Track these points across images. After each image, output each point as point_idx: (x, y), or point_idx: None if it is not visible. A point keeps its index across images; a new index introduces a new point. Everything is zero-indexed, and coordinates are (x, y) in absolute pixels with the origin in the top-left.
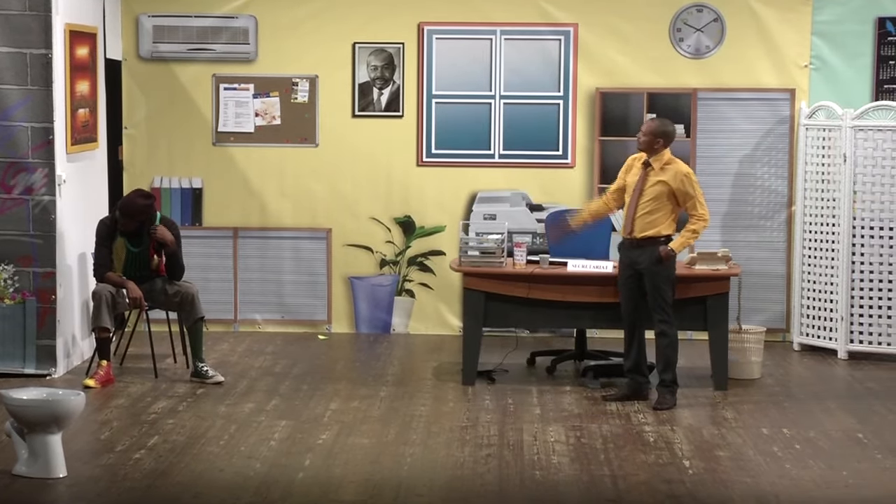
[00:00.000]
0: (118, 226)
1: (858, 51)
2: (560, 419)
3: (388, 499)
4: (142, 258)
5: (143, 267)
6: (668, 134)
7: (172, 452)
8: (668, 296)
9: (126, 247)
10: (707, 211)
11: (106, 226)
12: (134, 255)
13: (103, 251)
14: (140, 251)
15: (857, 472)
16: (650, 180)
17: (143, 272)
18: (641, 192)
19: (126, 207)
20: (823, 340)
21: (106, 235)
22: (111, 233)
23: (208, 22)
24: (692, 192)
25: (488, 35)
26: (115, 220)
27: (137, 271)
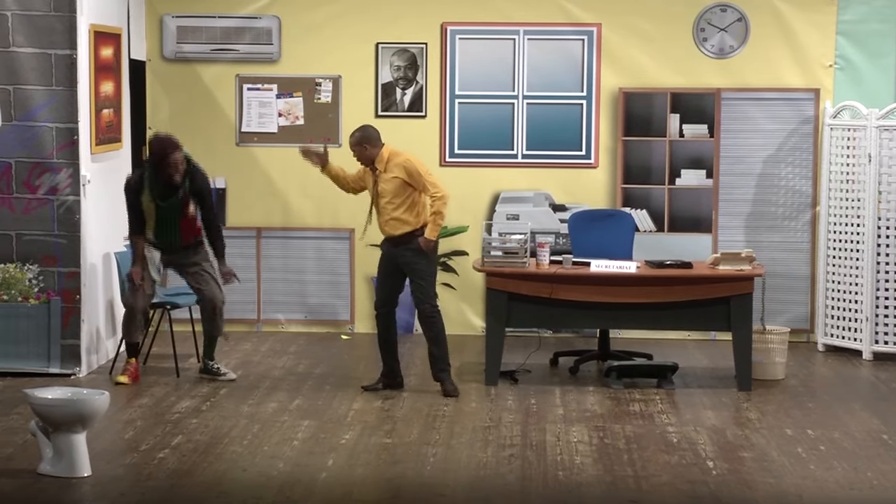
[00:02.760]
0: (147, 182)
1: (883, 50)
2: (583, 419)
3: (411, 499)
4: (172, 211)
5: (174, 222)
6: (369, 137)
7: (196, 452)
8: (433, 283)
9: (154, 202)
10: (442, 186)
11: (131, 186)
12: (164, 209)
13: (133, 213)
14: (170, 204)
15: (882, 473)
16: (382, 181)
17: (174, 229)
18: (379, 196)
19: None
20: (848, 341)
21: (134, 195)
22: (138, 190)
23: (232, 22)
24: (420, 173)
25: (511, 35)
26: (140, 178)
27: (169, 228)
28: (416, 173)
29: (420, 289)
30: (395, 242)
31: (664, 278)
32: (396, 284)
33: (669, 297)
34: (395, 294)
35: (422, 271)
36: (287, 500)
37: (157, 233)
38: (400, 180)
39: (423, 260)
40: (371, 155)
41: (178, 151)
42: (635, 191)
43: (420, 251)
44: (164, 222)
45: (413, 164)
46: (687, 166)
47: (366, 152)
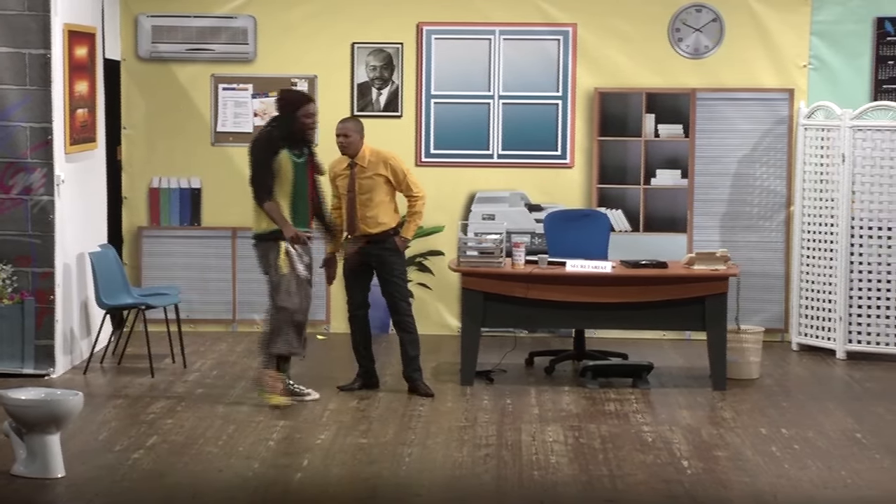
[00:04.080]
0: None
1: (857, 51)
2: (558, 419)
3: (387, 499)
4: (303, 175)
5: (304, 191)
6: (362, 129)
7: (171, 452)
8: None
9: (291, 160)
10: (422, 187)
11: (266, 142)
12: (299, 168)
13: (266, 174)
14: (303, 162)
15: (856, 472)
16: (361, 178)
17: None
18: (357, 192)
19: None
20: (822, 340)
21: (271, 154)
22: (274, 148)
23: (207, 22)
24: (404, 172)
25: (487, 35)
26: (272, 136)
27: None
28: (400, 172)
29: (398, 288)
30: (369, 241)
31: (639, 278)
32: (367, 284)
33: (645, 296)
34: (367, 294)
35: (399, 270)
36: (262, 500)
37: (293, 207)
38: (383, 178)
39: (400, 259)
40: (358, 147)
41: (313, 103)
42: (611, 191)
43: (396, 250)
44: (298, 190)
45: (398, 163)
46: (662, 166)
47: (357, 143)
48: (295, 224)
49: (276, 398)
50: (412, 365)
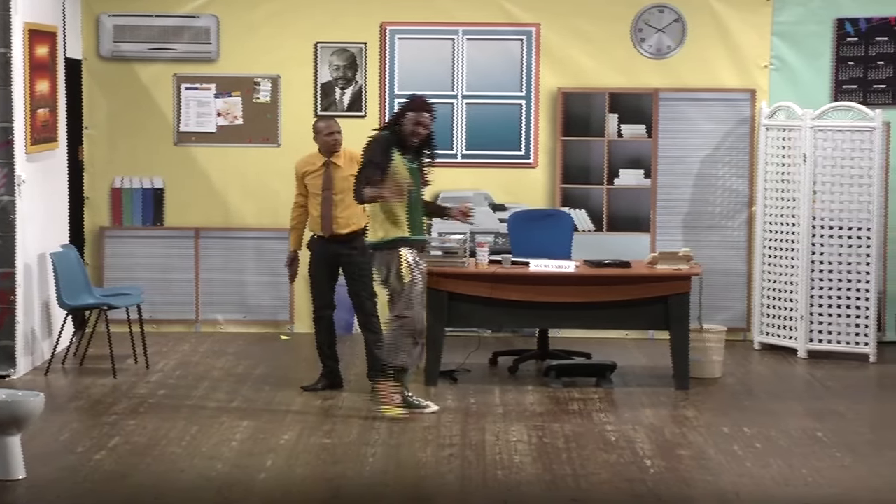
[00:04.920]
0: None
1: (818, 51)
2: (522, 419)
3: (350, 499)
4: (416, 181)
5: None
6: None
7: (133, 453)
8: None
9: (406, 165)
10: None
11: (377, 143)
12: (414, 172)
13: (377, 172)
14: (417, 168)
15: (817, 470)
16: (338, 177)
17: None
18: (333, 191)
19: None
20: (783, 339)
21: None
22: (391, 151)
23: (169, 21)
24: None
25: (450, 35)
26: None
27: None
28: None
29: (365, 288)
30: (338, 241)
31: (603, 278)
32: (334, 285)
33: (608, 296)
34: (333, 295)
35: (367, 270)
36: (226, 501)
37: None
38: None
39: (367, 259)
40: (339, 145)
41: (424, 112)
42: (574, 190)
43: (365, 250)
44: (413, 197)
45: None
46: (625, 166)
47: (338, 142)
48: (412, 233)
49: (393, 410)
50: (376, 365)
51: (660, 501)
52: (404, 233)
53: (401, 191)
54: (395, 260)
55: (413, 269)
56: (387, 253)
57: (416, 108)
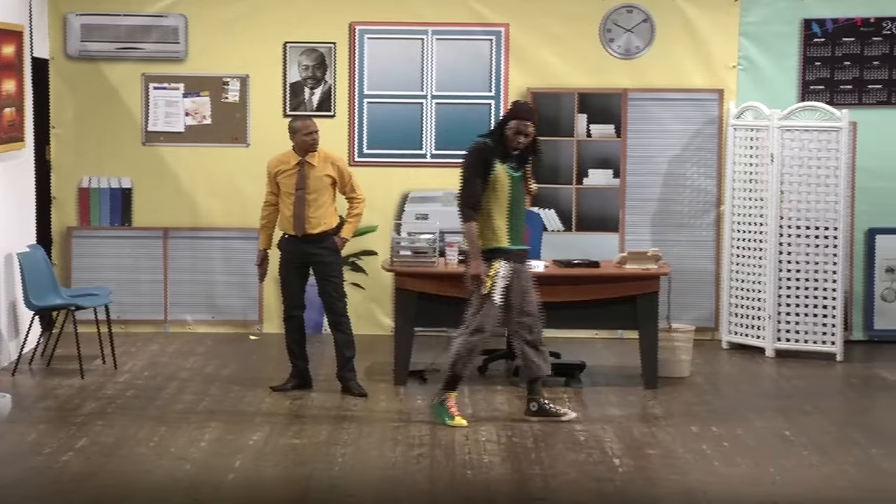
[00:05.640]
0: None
1: (785, 52)
2: (491, 418)
3: (319, 499)
4: (520, 191)
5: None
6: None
7: (100, 454)
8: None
9: (508, 174)
10: (363, 191)
11: (477, 152)
12: (517, 181)
13: (477, 183)
14: (521, 176)
15: (784, 469)
16: (312, 177)
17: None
18: (307, 191)
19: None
20: (751, 339)
21: (485, 163)
22: (491, 160)
23: (137, 21)
24: (350, 174)
25: (420, 35)
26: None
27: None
28: (346, 174)
29: (335, 287)
30: (309, 240)
31: (572, 277)
32: (304, 285)
33: (577, 296)
34: (304, 295)
35: (338, 270)
36: (193, 502)
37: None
38: (331, 179)
39: (338, 259)
40: (317, 145)
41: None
42: (543, 190)
43: (335, 250)
44: (516, 207)
45: (344, 164)
46: (594, 166)
47: (317, 141)
48: (512, 242)
49: (458, 420)
50: (346, 365)
51: (628, 500)
52: (502, 243)
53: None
54: (486, 269)
55: (498, 283)
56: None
57: (519, 116)
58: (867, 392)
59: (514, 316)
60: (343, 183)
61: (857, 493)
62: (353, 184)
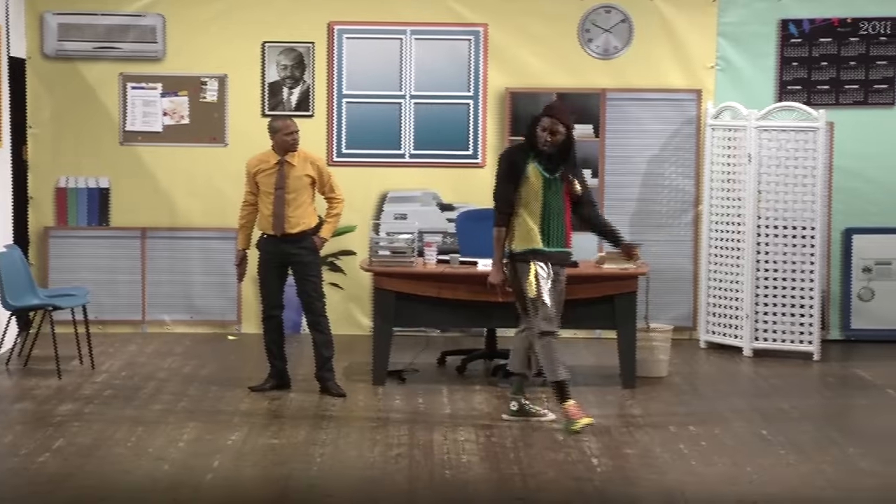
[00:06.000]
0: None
1: (762, 52)
2: (470, 418)
3: (298, 499)
4: (558, 193)
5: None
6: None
7: (78, 455)
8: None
9: (541, 175)
10: (342, 191)
11: (516, 152)
12: (551, 182)
13: (507, 186)
14: (557, 178)
15: (761, 468)
16: (292, 177)
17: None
18: (287, 190)
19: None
20: (729, 338)
21: (513, 165)
22: (521, 161)
23: (115, 20)
24: (329, 174)
25: (398, 35)
26: (517, 148)
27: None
28: (325, 174)
29: (314, 287)
30: (288, 240)
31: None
32: (283, 285)
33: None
34: (282, 295)
35: (316, 270)
36: (172, 502)
37: (544, 226)
38: (310, 178)
39: (317, 259)
40: (297, 145)
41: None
42: None
43: (314, 250)
44: (551, 209)
45: (324, 165)
46: None
47: (297, 141)
48: (548, 245)
49: (583, 420)
50: (325, 365)
51: (606, 500)
52: (537, 245)
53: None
54: (525, 272)
55: (542, 283)
56: (520, 264)
57: (550, 114)
58: (844, 391)
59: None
60: (322, 183)
61: (835, 492)
62: (333, 184)
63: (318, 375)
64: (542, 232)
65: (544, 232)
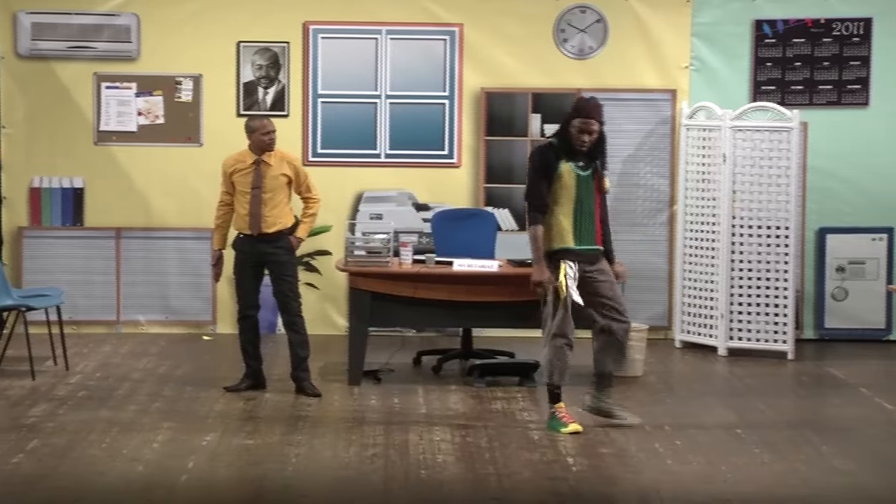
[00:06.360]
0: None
1: (737, 52)
2: (446, 418)
3: (273, 500)
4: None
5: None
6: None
7: (52, 456)
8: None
9: (574, 173)
10: (318, 191)
11: (540, 152)
12: (584, 180)
13: (540, 184)
14: (589, 175)
15: (736, 466)
16: (269, 176)
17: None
18: (263, 190)
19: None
20: (704, 338)
21: (546, 162)
22: (554, 159)
23: (89, 19)
24: (306, 174)
25: (374, 35)
26: (549, 146)
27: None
28: (302, 173)
29: (290, 287)
30: (265, 239)
31: (526, 277)
32: (259, 285)
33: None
34: (258, 295)
35: (293, 270)
36: (147, 503)
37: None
38: (287, 178)
39: (293, 259)
40: (274, 144)
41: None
42: (498, 190)
43: (290, 250)
44: (583, 207)
45: (300, 165)
46: None
47: (274, 141)
48: (579, 243)
49: (574, 426)
50: (301, 365)
51: (582, 499)
52: (568, 244)
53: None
54: (555, 271)
55: (571, 284)
56: (550, 264)
57: (582, 114)
58: (818, 390)
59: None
60: (299, 183)
61: (809, 491)
62: (309, 184)
63: (293, 375)
64: (574, 230)
65: (576, 230)
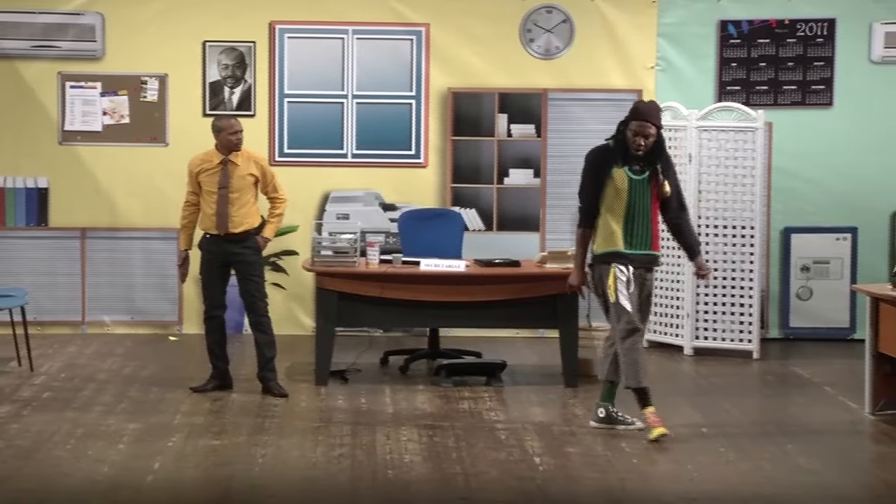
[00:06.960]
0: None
1: (702, 52)
2: (413, 418)
3: (240, 500)
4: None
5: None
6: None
7: (17, 457)
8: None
9: (627, 176)
10: (285, 191)
11: (595, 155)
12: (638, 183)
13: (591, 187)
14: (644, 179)
15: (701, 465)
16: (235, 176)
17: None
18: (230, 190)
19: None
20: (670, 337)
21: (598, 165)
22: (607, 162)
23: (53, 18)
24: (272, 174)
25: (340, 34)
26: (604, 149)
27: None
28: (269, 173)
29: (257, 287)
30: (231, 240)
31: (493, 277)
32: (225, 285)
33: (498, 295)
34: (225, 295)
35: (259, 270)
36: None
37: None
38: (254, 178)
39: (260, 259)
40: (241, 144)
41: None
42: (464, 190)
43: (257, 250)
44: (635, 210)
45: (267, 164)
46: (515, 166)
47: (241, 141)
48: (631, 247)
49: (658, 430)
50: (267, 365)
51: (549, 499)
52: (618, 247)
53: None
54: (606, 275)
55: (620, 287)
56: (600, 266)
57: (639, 116)
58: (783, 389)
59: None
60: (266, 183)
61: (773, 489)
62: (276, 184)
63: (260, 376)
64: (625, 234)
65: (627, 234)
